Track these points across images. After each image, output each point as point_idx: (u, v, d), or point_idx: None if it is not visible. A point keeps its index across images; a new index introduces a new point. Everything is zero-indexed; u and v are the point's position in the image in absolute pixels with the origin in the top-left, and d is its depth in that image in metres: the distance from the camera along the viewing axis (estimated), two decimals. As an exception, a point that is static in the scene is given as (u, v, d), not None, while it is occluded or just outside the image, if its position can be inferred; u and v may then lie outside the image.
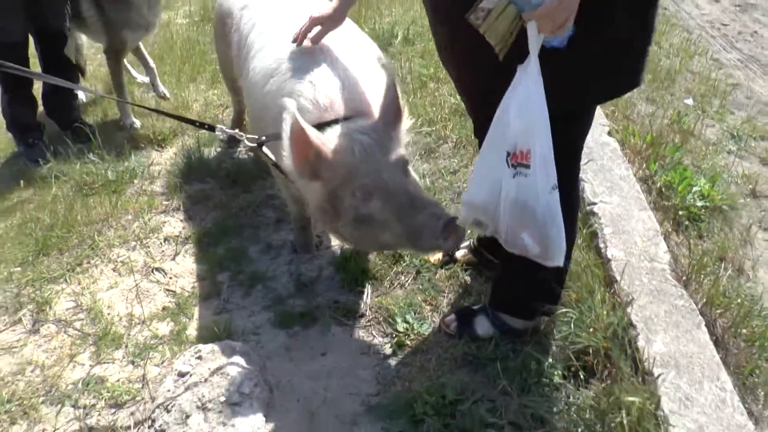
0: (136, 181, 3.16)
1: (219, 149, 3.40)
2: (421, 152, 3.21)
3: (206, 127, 2.28)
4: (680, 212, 2.69)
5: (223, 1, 2.87)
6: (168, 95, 3.88)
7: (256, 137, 2.11)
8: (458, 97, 3.52)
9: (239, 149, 3.38)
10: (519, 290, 2.06)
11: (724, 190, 2.90)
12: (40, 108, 3.57)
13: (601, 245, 2.40)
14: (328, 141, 1.88)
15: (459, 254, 2.47)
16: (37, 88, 3.59)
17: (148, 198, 3.02)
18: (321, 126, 1.94)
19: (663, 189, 2.78)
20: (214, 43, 3.30)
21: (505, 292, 2.11)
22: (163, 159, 3.35)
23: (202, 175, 3.13)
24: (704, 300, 2.17)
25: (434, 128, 3.36)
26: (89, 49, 4.55)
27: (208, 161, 3.23)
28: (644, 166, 2.92)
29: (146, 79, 4.14)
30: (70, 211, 2.91)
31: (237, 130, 2.18)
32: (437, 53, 1.93)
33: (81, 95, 3.95)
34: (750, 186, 3.06)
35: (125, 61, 4.09)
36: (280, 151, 1.97)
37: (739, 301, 2.18)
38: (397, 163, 1.91)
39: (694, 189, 2.75)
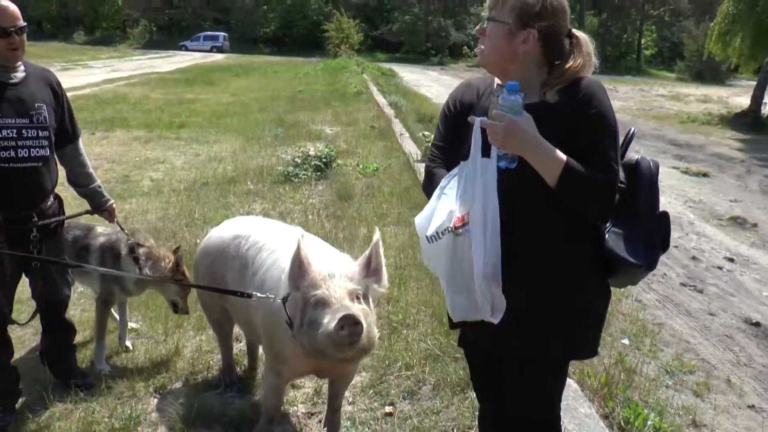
0: (140, 429, 3.33)
1: (218, 394, 3.64)
2: (404, 394, 3.57)
3: (245, 295, 2.91)
4: (642, 444, 3.11)
5: (208, 245, 3.52)
6: (131, 348, 4.14)
7: (280, 296, 2.76)
8: (430, 341, 4.01)
9: (236, 393, 3.64)
10: None
11: (671, 422, 3.37)
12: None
13: (581, 478, 2.76)
14: (312, 261, 2.62)
15: None
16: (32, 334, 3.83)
17: (155, 447, 3.20)
18: None
19: (623, 424, 3.22)
20: (199, 287, 3.62)
21: None
22: (164, 405, 3.55)
23: (207, 421, 3.34)
24: None
25: (412, 372, 3.75)
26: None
27: (211, 406, 3.45)
28: (603, 404, 3.38)
29: (135, 326, 4.45)
30: (77, 459, 3.04)
31: (264, 294, 2.87)
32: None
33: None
34: (690, 417, 3.55)
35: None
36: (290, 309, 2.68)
37: None
38: (351, 291, 2.58)
39: (649, 423, 3.20)
